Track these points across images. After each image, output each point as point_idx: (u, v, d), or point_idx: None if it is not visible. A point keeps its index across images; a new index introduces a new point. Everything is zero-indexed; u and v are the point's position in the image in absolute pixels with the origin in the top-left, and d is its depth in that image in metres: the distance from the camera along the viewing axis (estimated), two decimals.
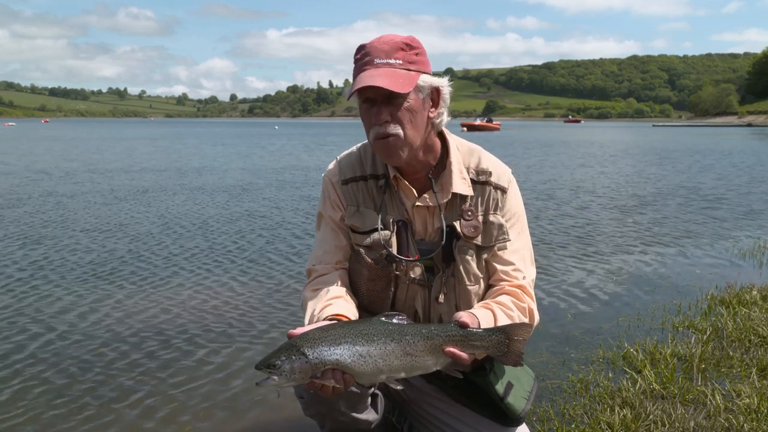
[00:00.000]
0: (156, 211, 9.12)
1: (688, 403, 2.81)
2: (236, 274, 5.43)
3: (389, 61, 1.81)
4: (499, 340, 1.68)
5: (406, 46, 1.84)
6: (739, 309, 4.14)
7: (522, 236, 2.02)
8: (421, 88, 1.83)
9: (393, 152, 1.84)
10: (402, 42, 1.84)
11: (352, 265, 1.99)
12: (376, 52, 1.82)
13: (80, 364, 3.44)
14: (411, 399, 2.19)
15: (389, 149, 1.84)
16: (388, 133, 1.81)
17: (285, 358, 1.55)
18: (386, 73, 1.78)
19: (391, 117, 1.81)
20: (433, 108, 1.89)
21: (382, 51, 1.82)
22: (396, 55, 1.82)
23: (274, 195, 11.35)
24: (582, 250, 6.53)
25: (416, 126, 1.85)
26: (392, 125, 1.81)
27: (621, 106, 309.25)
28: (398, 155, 1.85)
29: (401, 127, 1.82)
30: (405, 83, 1.78)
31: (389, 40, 1.84)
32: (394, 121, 1.81)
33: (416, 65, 1.84)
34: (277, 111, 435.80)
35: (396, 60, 1.81)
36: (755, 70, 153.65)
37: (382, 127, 1.81)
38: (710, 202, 10.42)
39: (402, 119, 1.81)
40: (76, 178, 14.01)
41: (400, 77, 1.79)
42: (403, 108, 1.81)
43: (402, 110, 1.81)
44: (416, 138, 1.86)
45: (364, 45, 1.87)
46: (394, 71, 1.79)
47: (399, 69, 1.80)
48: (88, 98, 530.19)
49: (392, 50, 1.82)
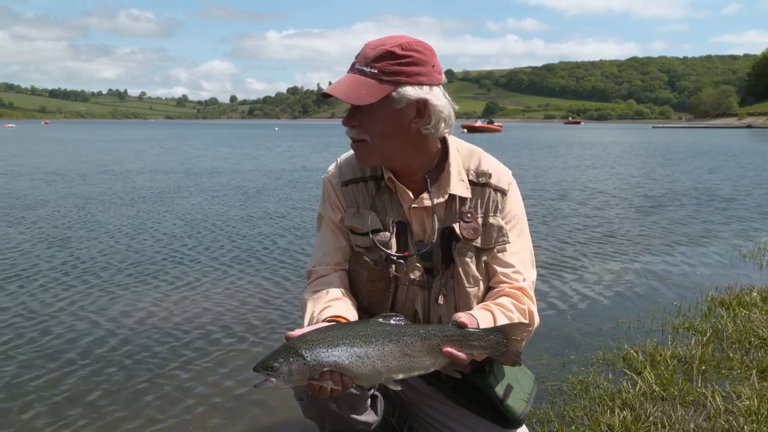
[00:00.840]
0: (176, 213, 9.15)
1: (688, 404, 2.80)
2: (245, 275, 5.43)
3: (364, 69, 1.79)
4: (497, 339, 1.67)
5: (389, 54, 1.77)
6: (740, 311, 4.14)
7: (522, 238, 2.01)
8: (396, 100, 1.78)
9: (359, 156, 1.90)
10: (388, 50, 1.78)
11: (352, 266, 1.99)
12: (360, 57, 1.82)
13: (80, 365, 3.43)
14: (411, 401, 2.18)
15: (355, 153, 1.91)
16: (354, 137, 1.87)
17: (283, 359, 1.54)
18: (353, 83, 1.79)
19: (358, 123, 1.83)
20: (417, 119, 1.83)
21: (365, 57, 1.81)
22: (375, 63, 1.78)
23: (290, 195, 11.46)
24: (582, 251, 6.53)
25: (388, 135, 1.83)
26: (358, 131, 1.84)
27: (621, 108, 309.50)
28: (364, 159, 1.89)
29: (368, 134, 1.83)
30: (367, 95, 1.75)
31: (379, 45, 1.81)
32: (360, 127, 1.84)
33: (395, 76, 1.77)
34: (277, 112, 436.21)
35: (371, 69, 1.78)
36: (755, 72, 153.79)
37: (349, 131, 1.87)
38: (710, 204, 10.42)
39: (369, 127, 1.82)
40: (92, 179, 14.05)
41: (365, 88, 1.76)
42: (372, 116, 1.81)
43: (370, 118, 1.82)
44: (390, 146, 1.85)
45: (365, 44, 1.87)
46: (363, 81, 1.78)
47: (370, 79, 1.78)
48: (88, 100, 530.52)
49: (374, 58, 1.79)
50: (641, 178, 15.41)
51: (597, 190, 12.45)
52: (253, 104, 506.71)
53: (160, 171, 16.61)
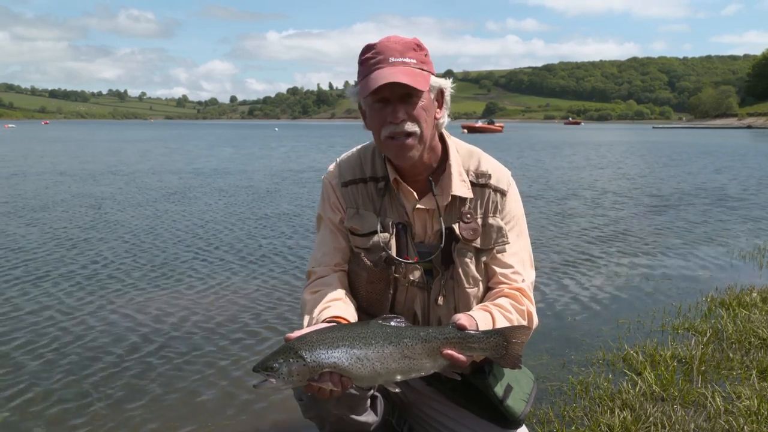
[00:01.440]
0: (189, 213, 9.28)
1: (688, 405, 2.80)
2: (248, 276, 5.43)
3: (404, 60, 1.80)
4: (497, 342, 1.67)
5: (417, 46, 1.85)
6: (739, 311, 4.14)
7: (521, 239, 2.01)
8: (432, 88, 1.85)
9: (407, 151, 1.83)
10: (413, 42, 1.86)
11: (352, 267, 1.98)
12: (389, 51, 1.81)
13: (79, 364, 3.43)
14: (410, 401, 2.18)
15: (405, 149, 1.83)
16: (405, 131, 1.81)
17: (282, 360, 1.54)
18: (405, 71, 1.77)
19: (407, 116, 1.81)
20: (438, 109, 1.90)
21: (396, 50, 1.81)
22: (409, 54, 1.82)
23: (300, 195, 11.54)
24: (582, 251, 6.52)
25: (429, 125, 1.86)
26: (409, 123, 1.81)
27: (621, 108, 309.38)
28: (412, 155, 1.85)
29: (418, 125, 1.82)
30: (423, 81, 1.79)
31: (400, 40, 1.84)
32: (411, 120, 1.81)
33: (427, 65, 1.85)
34: (277, 113, 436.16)
35: (410, 59, 1.81)
36: (755, 72, 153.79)
37: (399, 126, 1.80)
38: (710, 204, 10.42)
39: (418, 118, 1.82)
40: (103, 180, 14.13)
41: (417, 75, 1.79)
42: (418, 107, 1.81)
43: (418, 109, 1.81)
44: (429, 137, 1.87)
45: (373, 44, 1.85)
46: (411, 70, 1.79)
47: (414, 68, 1.80)
48: (88, 100, 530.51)
49: (405, 49, 1.82)
50: (643, 178, 15.41)
51: (598, 192, 12.45)
52: (253, 104, 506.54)
53: (169, 171, 16.67)
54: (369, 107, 1.86)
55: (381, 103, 1.82)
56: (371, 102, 1.84)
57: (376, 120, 1.84)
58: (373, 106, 1.84)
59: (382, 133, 1.83)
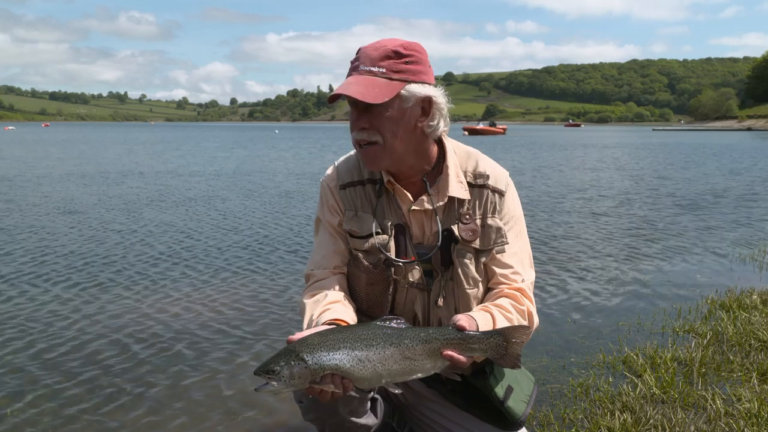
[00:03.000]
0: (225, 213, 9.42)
1: (688, 407, 2.80)
2: (253, 277, 5.44)
3: (372, 68, 1.79)
4: (497, 342, 1.68)
5: (394, 54, 1.80)
6: (740, 313, 4.14)
7: (520, 239, 2.01)
8: (405, 98, 1.81)
9: (370, 159, 1.87)
10: (392, 49, 1.81)
11: (351, 269, 1.98)
12: (363, 59, 1.82)
13: (79, 364, 3.43)
14: (411, 403, 2.18)
15: (366, 156, 1.87)
16: (365, 140, 1.84)
17: (284, 363, 1.54)
18: (364, 82, 1.77)
19: (369, 124, 1.81)
20: (423, 117, 1.86)
21: (369, 58, 1.81)
22: (381, 63, 1.80)
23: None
24: (582, 253, 6.52)
25: (398, 135, 1.83)
26: (369, 132, 1.82)
27: (621, 110, 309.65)
28: (376, 163, 1.87)
29: (380, 135, 1.82)
30: (380, 93, 1.76)
31: (381, 47, 1.83)
32: (371, 129, 1.82)
33: (402, 74, 1.80)
34: (277, 115, 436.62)
35: (379, 68, 1.79)
36: (755, 74, 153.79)
37: (360, 134, 1.84)
38: (711, 206, 10.41)
39: (381, 128, 1.81)
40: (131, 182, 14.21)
41: (377, 87, 1.77)
42: (383, 117, 1.80)
43: (382, 119, 1.81)
44: (399, 146, 1.85)
45: (360, 48, 1.87)
46: (373, 80, 1.78)
47: (380, 78, 1.78)
48: (89, 102, 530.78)
49: (379, 58, 1.80)
50: (642, 179, 15.39)
51: (597, 194, 12.45)
52: (253, 107, 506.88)
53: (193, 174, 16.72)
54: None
55: (352, 108, 1.84)
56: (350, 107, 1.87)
57: (351, 125, 1.89)
58: (351, 111, 1.87)
59: (352, 137, 1.88)
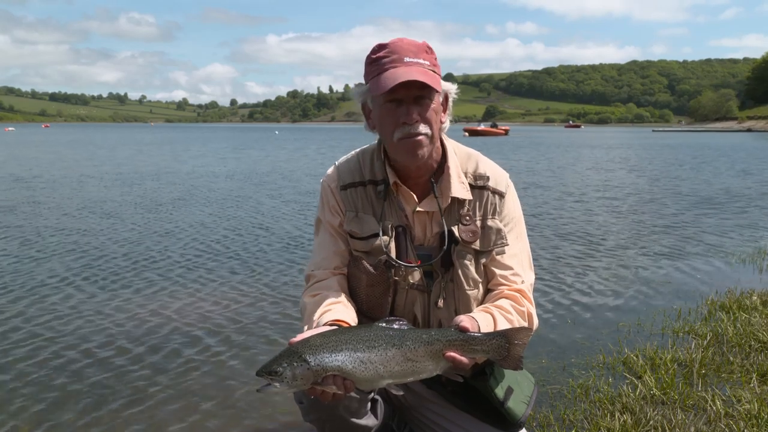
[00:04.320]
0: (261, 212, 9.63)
1: (688, 408, 2.80)
2: (255, 279, 5.44)
3: (418, 60, 1.80)
4: (499, 344, 1.68)
5: (428, 49, 1.86)
6: (740, 314, 4.14)
7: (520, 240, 2.02)
8: (440, 91, 1.86)
9: (419, 150, 1.84)
10: (425, 45, 1.87)
11: (351, 270, 1.98)
12: (403, 51, 1.80)
13: (80, 365, 3.44)
14: (411, 404, 2.18)
15: (417, 147, 1.83)
16: (419, 132, 1.81)
17: (286, 364, 1.55)
18: (421, 71, 1.77)
19: (420, 117, 1.81)
20: (443, 113, 1.92)
21: (410, 50, 1.81)
22: (422, 55, 1.82)
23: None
24: (582, 254, 6.52)
25: (437, 127, 1.88)
26: (422, 125, 1.82)
27: (621, 111, 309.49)
28: (423, 154, 1.86)
29: (429, 126, 1.83)
30: (437, 83, 1.80)
31: (413, 42, 1.85)
32: (423, 121, 1.82)
33: (437, 69, 1.86)
34: (277, 116, 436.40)
35: (424, 60, 1.82)
36: (755, 76, 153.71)
37: (413, 127, 1.81)
38: (711, 207, 10.41)
39: (430, 119, 1.83)
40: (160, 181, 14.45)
41: (433, 76, 1.80)
42: (430, 108, 1.82)
43: (429, 110, 1.82)
44: (437, 139, 1.90)
45: (385, 44, 1.85)
46: (426, 70, 1.79)
47: (428, 69, 1.81)
48: (89, 103, 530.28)
49: (419, 51, 1.83)
50: (642, 181, 15.39)
51: (598, 195, 12.44)
52: (253, 108, 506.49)
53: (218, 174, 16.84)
54: (380, 107, 1.85)
55: (393, 104, 1.81)
56: (383, 102, 1.82)
57: (388, 121, 1.83)
58: (385, 106, 1.82)
59: (395, 135, 1.83)
